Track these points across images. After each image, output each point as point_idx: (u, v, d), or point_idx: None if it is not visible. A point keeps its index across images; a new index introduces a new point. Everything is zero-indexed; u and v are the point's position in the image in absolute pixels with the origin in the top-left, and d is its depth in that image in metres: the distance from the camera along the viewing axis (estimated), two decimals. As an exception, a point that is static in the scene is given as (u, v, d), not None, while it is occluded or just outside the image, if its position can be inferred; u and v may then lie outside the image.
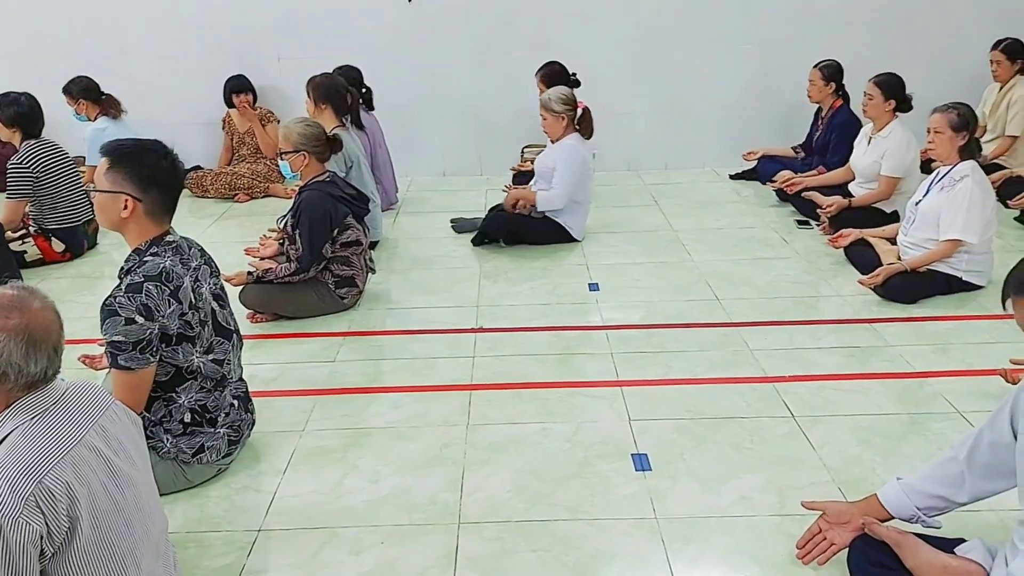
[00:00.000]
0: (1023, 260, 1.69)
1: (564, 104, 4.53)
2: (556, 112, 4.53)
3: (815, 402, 3.03)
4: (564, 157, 4.54)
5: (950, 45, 5.96)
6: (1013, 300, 1.67)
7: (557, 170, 4.55)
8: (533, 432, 2.88)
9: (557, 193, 4.57)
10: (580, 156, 4.57)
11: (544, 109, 4.55)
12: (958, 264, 3.84)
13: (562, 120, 4.54)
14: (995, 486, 2.02)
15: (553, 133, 4.59)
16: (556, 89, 4.65)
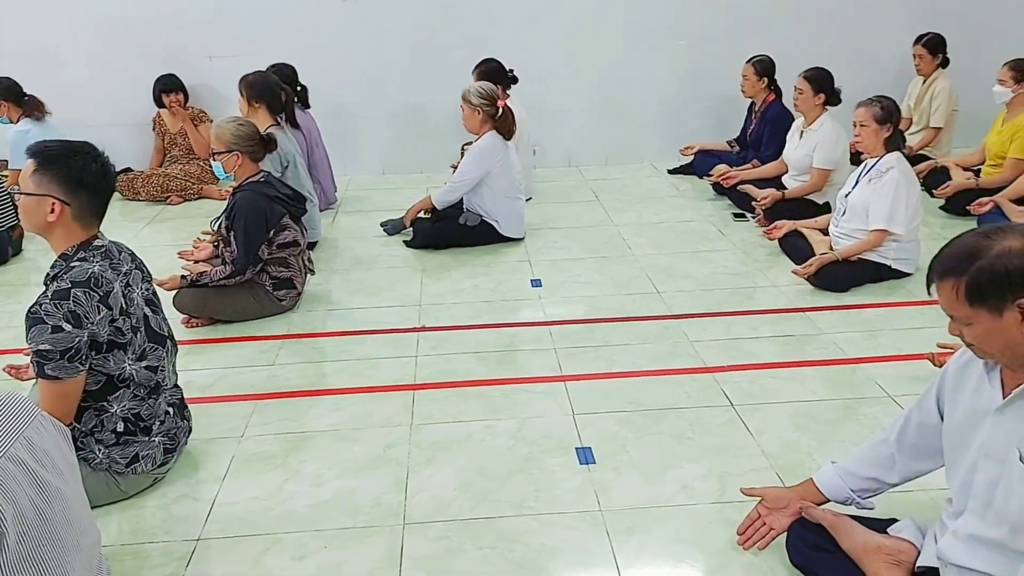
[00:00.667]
0: (945, 246, 1.74)
1: (482, 98, 4.51)
2: (472, 105, 4.51)
3: (753, 390, 3.10)
4: (469, 157, 4.55)
5: (875, 40, 6.14)
6: (937, 285, 1.72)
7: (460, 167, 4.57)
8: (477, 430, 2.88)
9: (449, 187, 4.58)
10: (490, 157, 4.54)
11: (463, 100, 4.54)
12: (887, 253, 3.96)
13: (477, 114, 4.52)
14: (924, 466, 2.08)
15: (470, 126, 4.58)
16: (478, 82, 4.64)
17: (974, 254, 1.65)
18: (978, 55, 5.73)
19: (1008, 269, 1.61)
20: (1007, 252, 1.62)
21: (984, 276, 1.63)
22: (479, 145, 4.56)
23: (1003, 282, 1.61)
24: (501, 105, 4.58)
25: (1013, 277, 1.61)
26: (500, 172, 4.59)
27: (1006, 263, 1.61)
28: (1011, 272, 1.61)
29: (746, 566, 2.19)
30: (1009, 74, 4.78)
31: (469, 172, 4.55)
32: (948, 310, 1.72)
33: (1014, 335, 1.65)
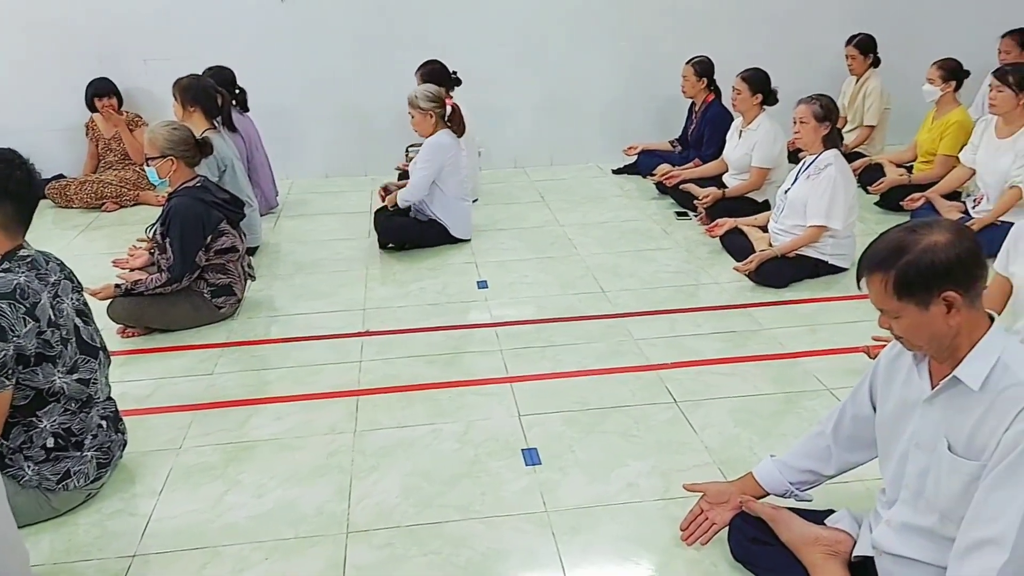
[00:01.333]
0: (874, 241, 1.78)
1: (431, 101, 4.49)
2: (423, 109, 4.49)
3: (696, 387, 3.13)
4: (424, 153, 4.51)
5: (811, 40, 6.26)
6: (866, 279, 1.76)
7: (418, 164, 4.53)
8: (423, 434, 2.85)
9: (412, 185, 4.54)
10: (445, 152, 4.53)
11: (411, 107, 4.50)
12: (824, 248, 4.05)
13: (430, 117, 4.50)
14: (859, 457, 2.13)
15: (423, 131, 4.55)
16: (423, 86, 4.61)
17: (901, 249, 1.69)
18: (908, 55, 5.89)
19: (933, 263, 1.65)
20: (932, 247, 1.66)
21: (911, 270, 1.67)
22: (433, 141, 4.53)
23: (929, 276, 1.66)
24: (450, 104, 4.56)
25: (938, 271, 1.65)
26: (450, 172, 4.57)
27: (931, 257, 1.66)
28: (936, 266, 1.65)
29: (689, 562, 2.22)
30: (938, 73, 4.92)
31: (427, 168, 4.51)
32: (877, 304, 1.76)
33: (940, 327, 1.69)
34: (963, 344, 1.72)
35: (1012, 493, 1.60)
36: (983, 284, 1.72)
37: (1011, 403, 1.63)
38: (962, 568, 1.65)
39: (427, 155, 4.51)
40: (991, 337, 1.71)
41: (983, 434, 1.68)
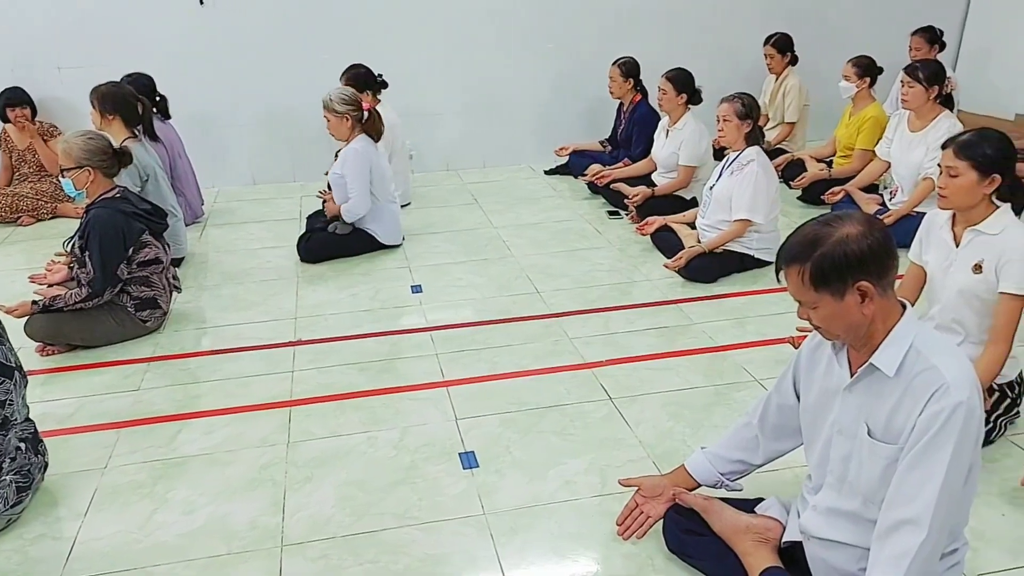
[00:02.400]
0: (791, 235, 1.83)
1: (346, 104, 4.41)
2: (339, 112, 4.40)
3: (630, 383, 3.17)
4: (351, 163, 4.43)
5: (731, 40, 6.41)
6: (784, 272, 1.81)
7: (348, 177, 4.44)
8: (358, 442, 2.82)
9: (356, 201, 4.46)
10: (367, 159, 4.46)
11: (326, 110, 4.41)
12: (750, 243, 4.15)
13: (346, 121, 4.42)
14: (785, 445, 2.19)
15: (339, 134, 4.47)
16: (338, 89, 4.53)
17: (816, 242, 1.74)
18: (825, 53, 6.09)
19: (847, 254, 1.71)
20: (845, 239, 1.72)
21: (826, 262, 1.72)
22: (354, 149, 4.45)
23: (843, 267, 1.71)
24: (367, 107, 4.51)
25: (851, 261, 1.71)
26: (377, 177, 4.51)
27: (844, 249, 1.71)
28: (849, 257, 1.71)
29: (626, 556, 2.24)
30: (853, 70, 5.09)
31: (361, 178, 4.43)
32: (796, 295, 1.81)
33: (855, 316, 1.75)
34: (878, 332, 1.78)
35: (927, 474, 1.66)
36: (894, 273, 1.78)
37: (924, 387, 1.70)
38: (883, 548, 1.70)
39: (354, 166, 4.42)
40: (904, 324, 1.78)
41: (899, 418, 1.74)
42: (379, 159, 4.55)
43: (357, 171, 4.43)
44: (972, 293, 2.62)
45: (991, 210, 2.62)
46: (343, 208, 4.49)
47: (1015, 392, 2.72)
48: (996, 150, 2.57)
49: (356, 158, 4.43)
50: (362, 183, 4.43)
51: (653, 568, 2.19)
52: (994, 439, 2.69)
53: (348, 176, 4.44)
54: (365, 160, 4.44)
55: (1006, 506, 2.41)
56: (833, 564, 1.90)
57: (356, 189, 4.45)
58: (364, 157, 4.44)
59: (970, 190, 2.57)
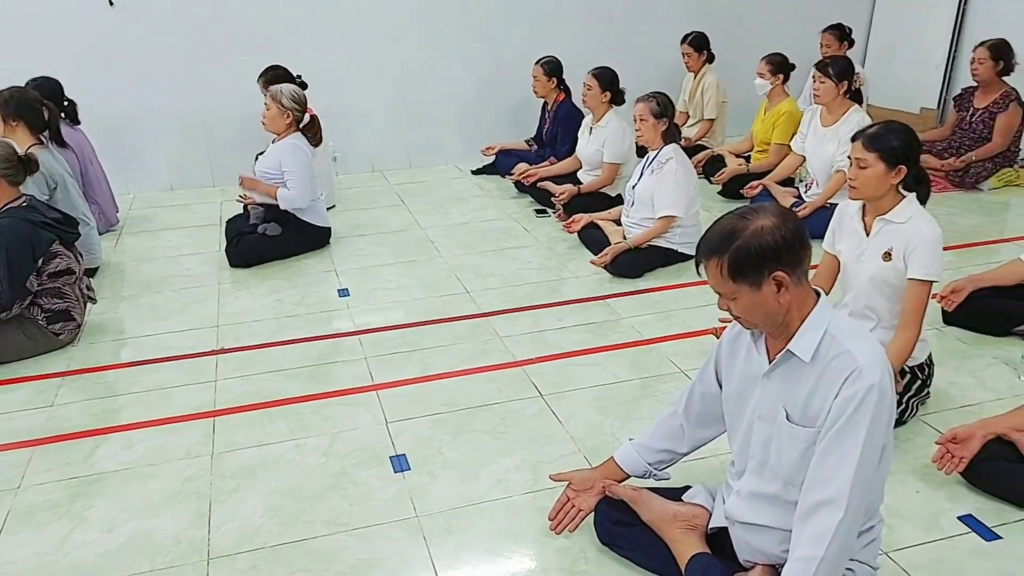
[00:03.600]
0: (709, 229, 1.87)
1: (295, 102, 4.37)
2: (284, 107, 4.34)
3: (560, 379, 3.19)
4: (290, 157, 4.38)
5: (650, 39, 6.52)
6: (704, 264, 1.85)
7: (288, 171, 4.39)
8: (286, 450, 2.77)
9: (297, 193, 4.41)
10: (305, 154, 4.44)
11: (272, 99, 4.34)
12: (673, 238, 4.23)
13: (287, 117, 4.36)
14: (709, 433, 2.23)
15: (274, 127, 4.39)
16: (291, 86, 4.47)
17: (732, 235, 1.78)
18: (740, 51, 6.24)
19: (762, 246, 1.75)
20: (760, 231, 1.76)
21: (742, 254, 1.76)
22: (292, 144, 4.39)
23: (759, 258, 1.76)
24: (311, 114, 4.44)
25: (767, 253, 1.76)
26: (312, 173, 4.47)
27: (760, 241, 1.76)
28: (765, 248, 1.75)
29: (559, 550, 2.26)
30: (767, 67, 5.24)
31: (303, 170, 4.38)
32: (715, 287, 1.85)
33: (772, 305, 1.80)
34: (794, 320, 1.83)
35: (843, 455, 1.72)
36: (807, 263, 1.83)
37: (838, 371, 1.75)
38: (804, 529, 1.76)
39: (295, 160, 4.37)
40: (818, 312, 1.83)
41: (816, 402, 1.79)
42: (311, 156, 4.50)
43: (299, 164, 4.39)
44: (883, 280, 2.73)
45: (898, 200, 2.73)
46: (280, 193, 4.42)
47: (925, 374, 2.84)
48: (902, 142, 2.68)
49: (296, 152, 4.39)
50: (304, 176, 4.39)
51: (585, 560, 2.22)
52: (907, 420, 2.80)
53: (289, 169, 4.38)
54: (303, 153, 4.40)
55: (919, 483, 2.52)
56: (757, 547, 1.96)
57: (298, 182, 4.40)
58: (302, 152, 4.40)
59: (878, 181, 2.68)
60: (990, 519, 2.35)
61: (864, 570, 1.92)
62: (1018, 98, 5.35)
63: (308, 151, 4.47)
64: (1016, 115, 5.36)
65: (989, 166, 5.46)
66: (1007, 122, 5.36)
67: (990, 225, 4.92)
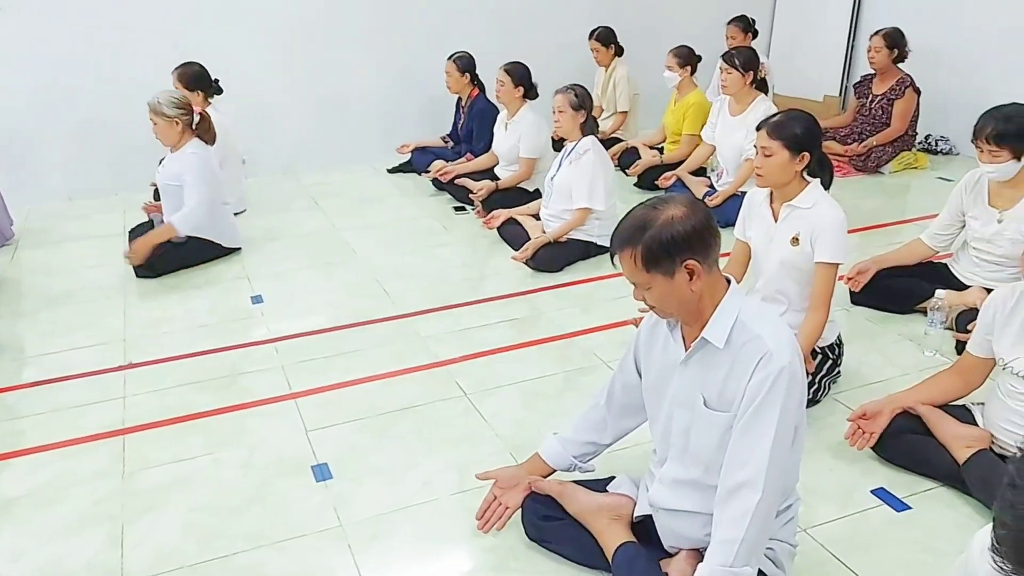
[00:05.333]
0: (621, 220, 1.88)
1: (177, 108, 4.17)
2: (168, 116, 4.15)
3: (485, 377, 3.18)
4: (190, 168, 4.20)
5: (561, 34, 6.53)
6: (618, 255, 1.86)
7: (186, 184, 4.21)
8: (202, 466, 2.67)
9: (193, 210, 4.22)
10: (206, 162, 4.26)
11: (154, 114, 4.15)
12: (591, 230, 4.26)
13: (176, 125, 4.18)
14: (631, 423, 2.25)
15: (168, 140, 4.22)
16: (167, 91, 4.27)
17: (644, 224, 1.80)
18: (649, 44, 6.32)
19: (673, 235, 1.77)
20: (671, 220, 1.78)
21: (654, 243, 1.78)
22: (193, 153, 4.21)
23: (671, 247, 1.77)
24: (198, 111, 4.28)
25: (678, 242, 1.78)
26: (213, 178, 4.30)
27: (671, 230, 1.77)
28: (676, 237, 1.77)
29: (487, 549, 2.24)
30: (674, 60, 5.33)
31: (202, 183, 4.20)
32: (630, 277, 1.86)
33: (685, 293, 1.82)
34: (707, 307, 1.86)
35: (758, 437, 1.75)
36: (717, 251, 1.86)
37: (750, 356, 1.79)
38: (725, 511, 1.79)
39: (196, 172, 4.19)
40: (729, 298, 1.86)
41: (731, 387, 1.82)
42: (214, 160, 4.33)
43: (199, 177, 4.21)
44: (791, 264, 2.81)
45: (803, 186, 2.81)
46: (176, 219, 4.23)
47: (835, 354, 2.94)
48: (804, 129, 2.76)
49: (198, 163, 4.21)
50: (202, 190, 4.21)
51: (514, 558, 2.21)
52: (820, 399, 2.89)
53: (188, 182, 4.19)
54: (206, 165, 4.23)
55: (833, 460, 2.60)
56: (681, 532, 1.98)
57: (196, 196, 4.22)
58: (205, 162, 4.23)
59: (783, 168, 2.75)
60: (901, 491, 2.45)
61: (784, 548, 1.97)
62: (913, 84, 5.60)
63: (210, 158, 4.29)
64: (912, 100, 5.61)
65: (889, 150, 5.69)
66: (904, 107, 5.60)
67: (892, 207, 5.14)
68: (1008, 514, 1.06)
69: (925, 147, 6.12)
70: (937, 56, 5.96)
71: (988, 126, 3.14)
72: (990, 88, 5.14)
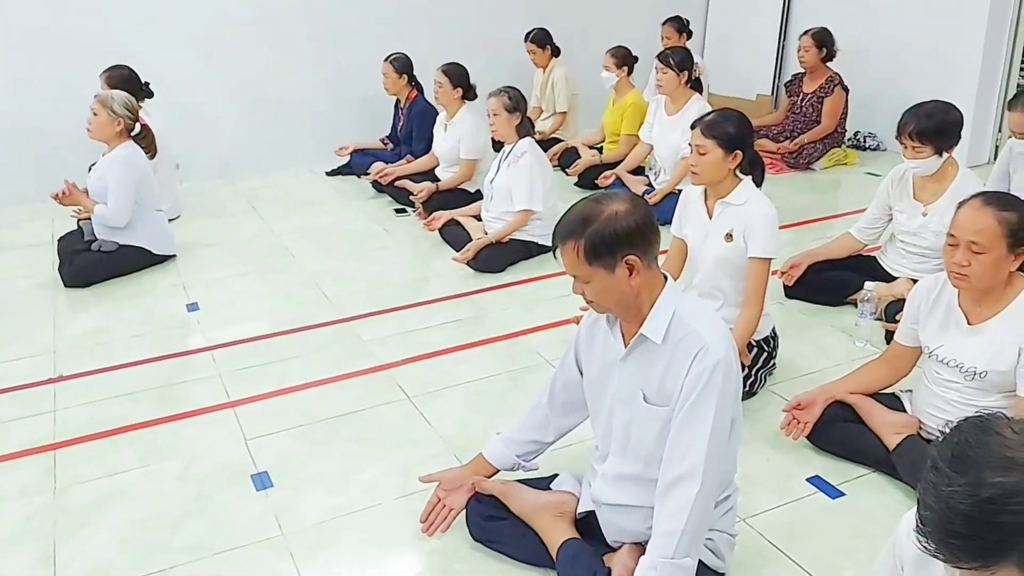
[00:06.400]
0: (564, 214, 1.90)
1: (126, 109, 4.07)
2: (115, 114, 4.03)
3: (428, 379, 3.16)
4: (118, 169, 4.08)
5: (498, 36, 6.53)
6: (561, 248, 1.87)
7: (111, 185, 4.09)
8: (137, 479, 2.60)
9: (114, 210, 4.10)
10: (134, 161, 4.13)
11: (101, 105, 4.01)
12: (533, 230, 4.28)
13: (117, 125, 4.05)
14: (573, 420, 2.26)
15: (101, 135, 4.07)
16: (122, 92, 4.17)
17: (587, 219, 1.82)
18: (586, 45, 6.39)
19: (616, 230, 1.80)
20: (614, 215, 1.81)
21: (597, 237, 1.80)
22: (124, 155, 4.07)
23: (612, 241, 1.80)
24: (143, 124, 4.17)
25: (620, 237, 1.80)
26: (146, 185, 4.18)
27: (614, 225, 1.80)
28: (618, 232, 1.80)
29: (431, 552, 2.23)
30: (611, 60, 5.39)
31: (125, 185, 4.06)
32: (571, 270, 1.88)
33: (624, 288, 1.84)
34: (645, 303, 1.88)
35: (696, 430, 1.79)
36: (657, 248, 1.89)
37: (687, 351, 1.82)
38: (665, 504, 1.81)
39: (121, 173, 4.06)
40: (667, 295, 1.89)
41: (669, 381, 1.85)
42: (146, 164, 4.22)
43: (123, 179, 4.08)
44: (726, 260, 2.86)
45: (736, 183, 2.87)
46: (95, 211, 4.11)
47: (771, 346, 3.01)
48: (736, 128, 2.82)
49: (126, 164, 4.09)
50: (124, 192, 4.08)
51: (459, 559, 2.20)
52: (756, 391, 2.95)
53: (112, 182, 4.06)
54: (134, 167, 4.10)
55: (770, 451, 2.66)
56: (624, 527, 2.00)
57: (118, 197, 4.09)
58: (133, 164, 4.11)
59: (717, 165, 2.81)
60: (835, 478, 2.52)
61: (723, 538, 2.01)
62: (841, 82, 5.76)
63: (143, 163, 4.17)
64: (841, 98, 5.77)
65: (820, 147, 5.85)
66: (833, 105, 5.76)
67: (823, 202, 5.28)
68: (931, 495, 1.10)
69: (854, 143, 6.31)
70: (864, 55, 6.14)
71: (911, 123, 3.25)
72: (913, 86, 5.31)
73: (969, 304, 2.33)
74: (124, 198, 4.09)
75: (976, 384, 2.31)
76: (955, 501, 1.07)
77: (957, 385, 2.36)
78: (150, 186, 4.23)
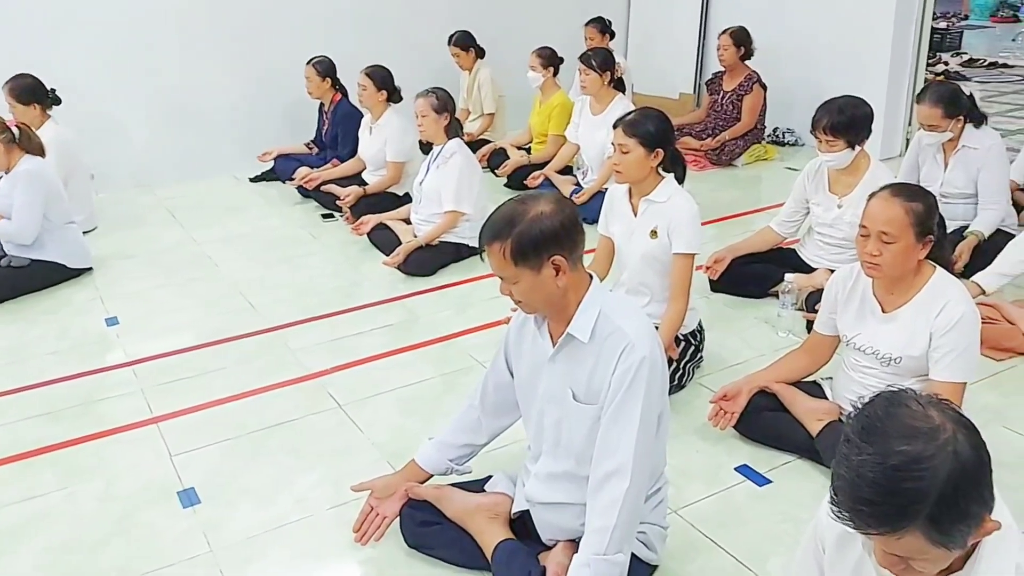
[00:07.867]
0: (490, 215, 1.89)
1: None
2: None
3: (360, 386, 3.12)
4: (22, 186, 3.91)
5: (421, 39, 6.48)
6: (487, 250, 1.87)
7: (15, 200, 3.92)
8: (56, 502, 2.50)
9: (21, 226, 3.93)
10: (39, 175, 3.97)
11: None
12: (463, 232, 4.26)
13: None
14: (505, 421, 2.26)
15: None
16: None
17: (513, 220, 1.83)
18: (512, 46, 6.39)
19: (542, 231, 1.81)
20: (540, 216, 1.81)
21: (524, 238, 1.81)
22: (27, 171, 3.90)
23: (539, 242, 1.81)
24: (13, 124, 3.98)
25: (546, 237, 1.81)
26: (55, 198, 4.01)
27: (540, 226, 1.81)
28: (545, 233, 1.81)
29: (366, 561, 2.21)
30: (537, 61, 5.41)
31: (32, 202, 3.89)
32: (498, 271, 1.88)
33: (551, 288, 1.85)
34: (571, 303, 1.90)
35: (624, 426, 1.81)
36: (582, 247, 1.91)
37: (613, 348, 1.84)
38: (597, 500, 1.83)
39: (26, 189, 3.89)
40: (592, 293, 1.91)
41: (597, 379, 1.87)
42: (53, 177, 4.05)
43: (30, 194, 3.91)
44: (652, 256, 2.91)
45: (659, 181, 2.92)
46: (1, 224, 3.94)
47: (697, 340, 3.07)
48: (657, 127, 2.86)
49: (29, 180, 3.92)
50: (30, 209, 3.91)
51: (394, 567, 2.18)
52: (685, 384, 3.01)
53: (17, 199, 3.89)
54: (40, 182, 3.93)
55: (700, 442, 2.71)
56: (558, 524, 2.02)
57: (24, 213, 3.92)
58: (38, 179, 3.94)
59: (639, 164, 2.85)
60: (762, 466, 2.58)
61: (655, 531, 2.03)
62: (760, 80, 5.92)
63: (48, 176, 4.00)
64: (759, 95, 5.93)
65: (741, 144, 5.99)
66: (752, 102, 5.91)
67: (746, 198, 5.41)
68: (843, 465, 1.17)
69: (773, 139, 6.49)
70: (779, 53, 6.31)
71: (824, 118, 3.36)
72: (826, 82, 5.48)
73: (883, 293, 2.41)
74: (30, 215, 3.93)
75: (892, 369, 2.39)
76: (865, 469, 1.13)
77: (874, 371, 2.44)
78: (59, 199, 4.07)
